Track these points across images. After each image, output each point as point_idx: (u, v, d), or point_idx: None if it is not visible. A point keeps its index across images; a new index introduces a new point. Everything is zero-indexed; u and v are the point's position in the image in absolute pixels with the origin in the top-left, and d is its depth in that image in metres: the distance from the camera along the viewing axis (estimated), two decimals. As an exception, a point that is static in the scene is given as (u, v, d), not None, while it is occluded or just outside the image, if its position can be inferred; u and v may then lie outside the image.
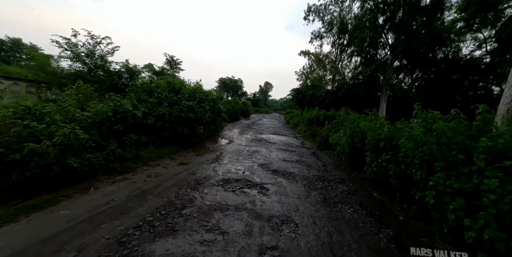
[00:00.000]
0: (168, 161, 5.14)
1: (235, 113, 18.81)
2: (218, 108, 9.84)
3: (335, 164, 6.85)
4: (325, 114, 12.11)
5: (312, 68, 40.91)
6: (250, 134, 11.80)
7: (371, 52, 15.58)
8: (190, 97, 7.63)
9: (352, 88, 17.52)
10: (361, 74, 18.13)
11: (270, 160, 6.42)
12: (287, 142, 10.25)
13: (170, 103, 6.56)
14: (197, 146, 7.12)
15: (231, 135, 10.57)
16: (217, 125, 9.65)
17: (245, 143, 8.75)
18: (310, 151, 8.60)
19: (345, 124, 8.31)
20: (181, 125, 6.43)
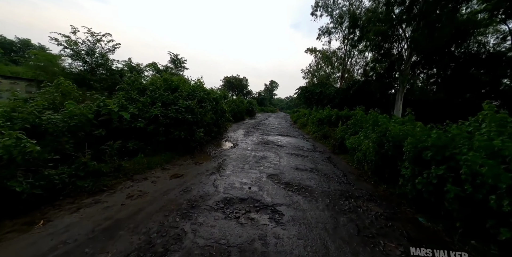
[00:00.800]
0: (159, 173, 4.24)
1: (240, 113, 17.89)
2: (222, 108, 8.93)
3: (356, 172, 5.83)
4: (338, 114, 11.03)
5: (318, 66, 39.55)
6: (256, 135, 10.86)
7: (386, 47, 14.33)
8: (189, 96, 6.73)
9: (364, 86, 16.30)
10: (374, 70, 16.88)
11: (281, 168, 5.46)
12: (297, 145, 9.25)
13: (165, 103, 5.68)
14: (197, 152, 6.22)
15: (236, 137, 9.65)
16: (221, 127, 8.75)
17: (251, 147, 7.81)
18: (324, 156, 7.58)
19: (365, 125, 7.25)
20: (178, 128, 5.53)
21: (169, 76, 6.71)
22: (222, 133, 9.37)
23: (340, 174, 5.51)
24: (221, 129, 8.94)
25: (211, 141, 7.95)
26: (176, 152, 5.49)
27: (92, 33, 14.37)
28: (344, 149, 8.28)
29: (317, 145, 9.84)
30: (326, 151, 8.58)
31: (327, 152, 8.42)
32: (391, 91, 15.11)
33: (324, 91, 20.19)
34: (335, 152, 8.36)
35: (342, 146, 8.41)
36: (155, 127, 5.09)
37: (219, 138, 8.84)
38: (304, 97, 21.18)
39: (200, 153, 6.22)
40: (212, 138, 7.97)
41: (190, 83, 7.47)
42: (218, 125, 8.50)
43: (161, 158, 4.80)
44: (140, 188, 3.45)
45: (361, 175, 5.58)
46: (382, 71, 15.25)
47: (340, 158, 7.58)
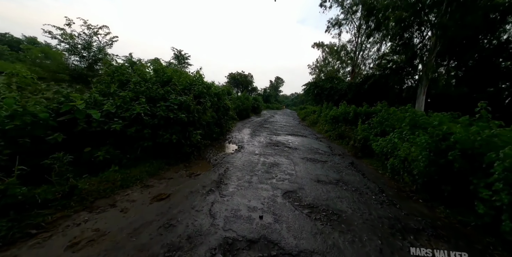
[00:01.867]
0: (136, 193, 3.08)
1: (246, 110, 16.67)
2: (225, 105, 7.72)
3: (393, 185, 4.53)
4: (356, 111, 9.65)
5: (326, 61, 37.74)
6: (263, 135, 9.62)
7: (407, 36, 12.72)
8: (186, 90, 5.53)
9: (381, 79, 14.75)
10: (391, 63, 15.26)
11: (299, 181, 4.23)
12: (310, 146, 7.98)
13: (153, 98, 4.50)
14: (194, 158, 5.04)
15: (241, 138, 8.44)
16: (223, 126, 7.55)
17: (258, 150, 6.59)
18: (346, 161, 6.29)
19: (398, 125, 5.91)
20: (169, 130, 4.36)
21: (161, 67, 5.53)
22: (225, 133, 8.17)
23: (375, 188, 4.23)
24: (224, 129, 7.75)
25: (212, 143, 6.77)
26: (167, 159, 4.33)
27: (89, 26, 13.31)
28: (368, 151, 6.97)
29: (333, 146, 8.54)
30: (345, 154, 7.28)
31: (348, 156, 7.12)
32: (412, 85, 13.52)
33: (334, 87, 18.69)
34: (357, 156, 7.05)
35: (366, 148, 7.10)
36: (138, 129, 3.92)
37: (222, 139, 7.65)
38: (313, 93, 19.73)
39: (197, 160, 5.04)
40: (213, 140, 6.78)
41: (187, 75, 6.30)
42: (220, 124, 7.31)
43: (144, 169, 3.64)
44: (98, 223, 2.29)
45: (401, 190, 4.29)
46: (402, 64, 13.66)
47: (365, 163, 6.27)
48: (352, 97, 16.32)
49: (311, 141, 9.44)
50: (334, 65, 35.87)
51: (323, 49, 36.95)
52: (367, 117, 9.03)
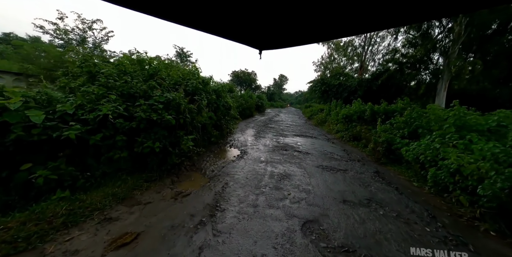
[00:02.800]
0: (87, 235, 2.05)
1: (249, 109, 15.62)
2: (225, 104, 6.68)
3: (444, 207, 3.43)
4: (373, 109, 8.49)
5: (331, 58, 36.27)
6: (269, 136, 8.58)
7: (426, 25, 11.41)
8: (177, 86, 4.51)
9: (395, 74, 13.48)
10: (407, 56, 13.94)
11: (319, 202, 3.18)
12: (323, 150, 6.90)
13: (132, 95, 3.49)
14: (185, 169, 4.03)
15: (244, 140, 7.41)
16: (224, 128, 6.53)
17: (264, 156, 5.55)
18: (369, 169, 5.20)
19: (437, 126, 4.78)
20: (151, 135, 3.35)
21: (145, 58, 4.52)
22: (226, 135, 7.14)
23: (422, 212, 3.14)
24: (224, 131, 6.72)
25: (211, 148, 5.75)
26: (148, 174, 3.33)
27: (83, 20, 12.42)
28: (394, 157, 5.86)
29: (349, 149, 7.43)
30: (365, 160, 6.18)
31: (368, 161, 6.02)
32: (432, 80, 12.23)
33: (343, 83, 17.46)
34: (380, 162, 5.93)
35: (390, 153, 5.98)
36: (108, 136, 2.93)
37: (222, 143, 6.62)
38: (319, 90, 18.53)
39: (190, 171, 4.03)
40: (211, 144, 5.77)
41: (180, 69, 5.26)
42: (220, 126, 6.29)
43: (111, 191, 2.65)
44: None
45: (457, 214, 3.18)
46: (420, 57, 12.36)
47: (392, 172, 5.16)
48: (363, 95, 15.09)
49: (322, 143, 8.34)
50: (340, 62, 34.42)
51: (328, 45, 35.48)
52: (386, 117, 7.89)
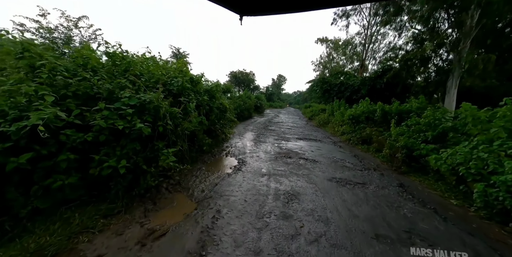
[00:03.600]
0: None
1: (248, 110, 14.73)
2: (220, 106, 5.79)
3: (504, 238, 2.56)
4: (384, 108, 7.63)
5: (330, 57, 35.51)
6: (270, 140, 7.69)
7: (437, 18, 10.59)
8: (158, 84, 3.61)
9: (401, 72, 12.64)
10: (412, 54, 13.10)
11: (344, 240, 2.29)
12: (332, 156, 6.02)
13: (91, 97, 2.59)
14: (167, 190, 3.13)
15: (242, 147, 6.52)
16: (219, 134, 5.63)
17: (266, 167, 4.67)
18: (392, 182, 4.32)
19: (475, 130, 3.91)
20: (116, 150, 2.46)
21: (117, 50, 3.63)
22: (222, 141, 6.24)
23: (492, 254, 2.27)
24: (219, 137, 5.82)
25: (202, 158, 4.85)
26: (112, 203, 2.43)
27: (67, 17, 11.47)
28: (416, 164, 4.99)
29: (360, 155, 6.57)
30: (381, 168, 5.31)
31: (386, 170, 5.15)
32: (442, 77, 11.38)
33: (345, 82, 16.62)
34: (400, 171, 5.06)
35: (411, 160, 5.12)
36: (44, 156, 2.02)
37: (217, 151, 5.72)
38: (320, 90, 17.68)
39: (172, 193, 3.14)
40: (203, 153, 4.87)
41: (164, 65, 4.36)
42: (214, 132, 5.40)
43: (35, 243, 1.73)
44: None
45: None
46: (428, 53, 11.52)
47: (419, 185, 4.29)
48: (367, 93, 14.26)
49: (329, 147, 7.47)
50: (339, 61, 33.65)
51: (327, 44, 34.74)
52: (400, 118, 7.04)
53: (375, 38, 20.94)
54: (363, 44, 22.19)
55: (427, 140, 5.05)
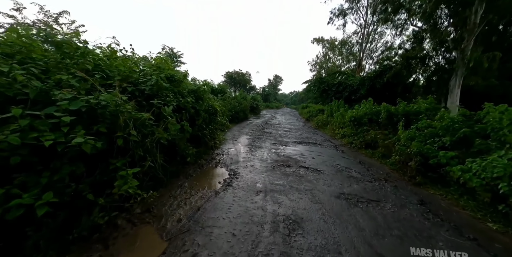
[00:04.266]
0: None
1: (243, 112, 13.97)
2: (210, 109, 5.02)
3: None
4: (390, 110, 6.96)
5: (327, 57, 35.01)
6: (266, 145, 6.95)
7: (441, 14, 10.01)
8: (127, 84, 2.84)
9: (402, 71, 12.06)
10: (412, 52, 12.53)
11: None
12: (335, 164, 5.31)
13: (5, 98, 1.81)
14: (129, 223, 2.36)
15: (235, 153, 5.76)
16: (207, 141, 4.86)
17: (262, 180, 3.91)
18: (411, 198, 3.62)
19: None
20: (41, 177, 1.69)
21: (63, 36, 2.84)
22: (211, 148, 5.46)
23: None
24: (209, 143, 5.04)
25: (185, 170, 4.06)
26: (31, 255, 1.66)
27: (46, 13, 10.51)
28: (433, 174, 4.31)
29: (365, 161, 5.88)
30: (393, 177, 4.61)
31: (398, 180, 4.45)
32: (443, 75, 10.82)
33: (343, 82, 16.01)
34: (415, 181, 4.36)
35: (427, 169, 4.43)
36: None
37: (206, 161, 4.93)
38: (318, 90, 17.04)
39: (137, 226, 2.36)
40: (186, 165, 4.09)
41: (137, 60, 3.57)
42: (202, 139, 4.62)
43: None
44: None
45: None
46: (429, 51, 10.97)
47: (443, 201, 3.58)
48: (366, 93, 13.65)
49: (330, 152, 6.76)
50: (336, 61, 33.17)
51: (323, 44, 34.23)
52: (407, 119, 6.37)
53: (372, 37, 20.42)
54: (360, 43, 21.66)
55: (444, 146, 4.37)
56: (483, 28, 9.75)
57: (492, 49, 10.10)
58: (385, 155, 6.13)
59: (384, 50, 19.39)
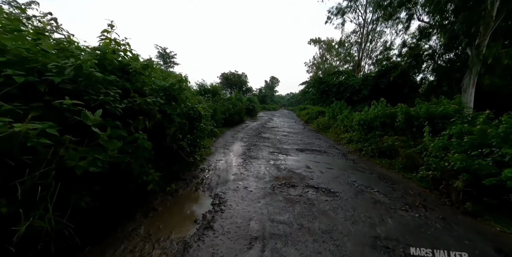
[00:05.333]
0: None
1: (238, 114, 12.75)
2: (190, 113, 3.77)
3: None
4: (409, 112, 5.81)
5: (324, 58, 34.15)
6: (264, 155, 5.73)
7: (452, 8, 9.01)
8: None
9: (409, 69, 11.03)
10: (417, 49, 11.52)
11: None
12: (351, 182, 4.11)
13: None
14: None
15: (225, 168, 4.52)
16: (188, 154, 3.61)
17: (258, 215, 2.68)
18: (475, 239, 2.42)
19: None
20: None
21: None
22: (195, 162, 4.20)
23: None
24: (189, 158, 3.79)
25: (149, 203, 2.82)
26: None
27: (12, 3, 9.15)
28: (489, 199, 3.16)
29: (385, 175, 4.71)
30: (431, 202, 3.44)
31: (440, 206, 3.28)
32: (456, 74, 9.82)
33: (344, 82, 14.96)
34: (464, 209, 3.18)
35: (481, 192, 3.27)
36: None
37: (182, 182, 3.68)
38: (317, 90, 15.96)
39: None
40: (147, 197, 2.84)
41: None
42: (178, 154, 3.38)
43: None
44: None
45: None
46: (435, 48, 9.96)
47: None
48: (370, 94, 12.60)
49: (339, 163, 5.59)
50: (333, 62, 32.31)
51: (320, 45, 33.39)
52: (431, 124, 5.23)
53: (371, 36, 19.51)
54: (359, 43, 20.73)
55: (503, 160, 3.22)
56: (500, 23, 8.76)
57: (510, 45, 9.13)
58: (408, 167, 4.97)
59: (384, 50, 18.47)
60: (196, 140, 4.00)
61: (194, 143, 3.90)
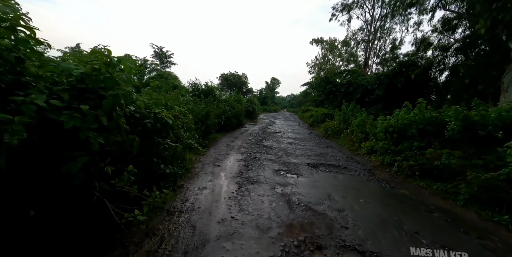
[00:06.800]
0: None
1: (236, 117, 11.11)
2: (143, 121, 2.12)
3: None
4: (468, 117, 4.13)
5: (326, 58, 32.56)
6: (267, 178, 4.09)
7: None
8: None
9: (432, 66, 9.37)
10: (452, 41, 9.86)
11: None
12: (413, 233, 2.45)
13: None
14: None
15: (206, 207, 2.90)
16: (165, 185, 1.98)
17: None
18: None
19: None
20: None
21: None
22: (172, 194, 2.55)
23: None
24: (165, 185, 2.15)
25: None
26: None
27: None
28: None
29: (450, 212, 3.04)
30: None
31: None
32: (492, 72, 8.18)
33: (353, 82, 13.32)
34: None
35: None
36: None
37: (132, 240, 2.08)
38: (324, 91, 14.31)
39: None
40: None
41: None
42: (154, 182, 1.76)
43: None
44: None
45: None
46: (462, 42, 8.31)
47: None
48: (385, 94, 10.94)
49: (372, 188, 3.93)
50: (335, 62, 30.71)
51: (322, 45, 31.82)
52: (507, 134, 3.57)
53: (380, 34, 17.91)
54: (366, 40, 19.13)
55: None
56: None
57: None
58: (481, 200, 3.32)
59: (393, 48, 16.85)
60: (173, 159, 2.34)
61: (170, 165, 2.24)
